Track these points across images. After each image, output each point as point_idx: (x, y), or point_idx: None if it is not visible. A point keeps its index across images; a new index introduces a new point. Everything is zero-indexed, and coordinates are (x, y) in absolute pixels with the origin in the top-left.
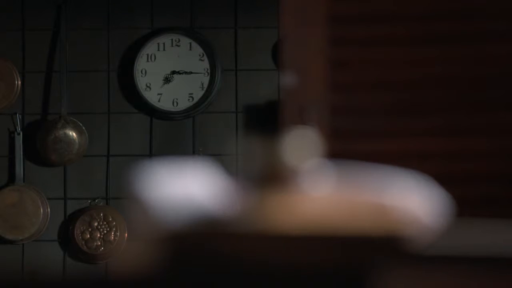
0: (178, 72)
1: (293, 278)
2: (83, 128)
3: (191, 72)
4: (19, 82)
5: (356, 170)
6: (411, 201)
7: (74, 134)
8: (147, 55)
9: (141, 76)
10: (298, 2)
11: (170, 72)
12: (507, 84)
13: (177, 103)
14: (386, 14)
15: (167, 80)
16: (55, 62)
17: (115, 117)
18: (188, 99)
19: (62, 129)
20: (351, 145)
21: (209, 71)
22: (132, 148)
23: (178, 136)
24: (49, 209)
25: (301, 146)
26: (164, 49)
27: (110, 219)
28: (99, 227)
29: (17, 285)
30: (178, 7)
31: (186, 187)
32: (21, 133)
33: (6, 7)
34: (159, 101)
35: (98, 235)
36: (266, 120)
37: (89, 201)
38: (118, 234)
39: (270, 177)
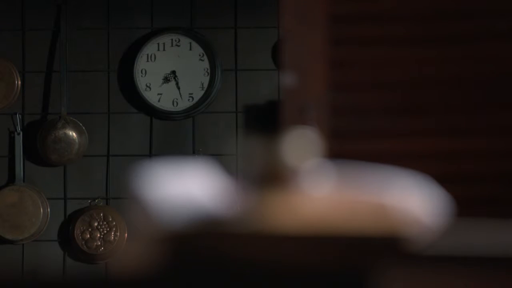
0: (175, 78)
1: (293, 278)
2: (83, 128)
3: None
4: (19, 82)
5: (356, 170)
6: (411, 201)
7: (74, 134)
8: (147, 55)
9: (141, 76)
10: (298, 2)
11: (170, 72)
12: (507, 84)
13: (177, 103)
14: (386, 14)
15: (167, 80)
16: (55, 62)
17: (115, 117)
18: (188, 99)
19: (62, 129)
20: (351, 145)
21: (209, 71)
22: (132, 148)
23: (178, 136)
24: (49, 209)
25: (301, 146)
26: (164, 49)
27: (110, 219)
28: (99, 227)
29: (17, 285)
30: (178, 7)
31: (186, 187)
32: (21, 133)
33: (6, 7)
34: (159, 101)
35: (98, 235)
36: (266, 120)
37: (89, 201)
38: (118, 234)
39: (270, 177)
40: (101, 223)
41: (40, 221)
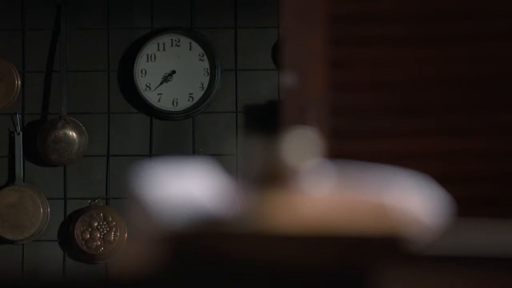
0: (167, 81)
1: (293, 278)
2: (83, 128)
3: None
4: (19, 82)
5: (356, 170)
6: (411, 201)
7: (74, 134)
8: (147, 55)
9: (141, 76)
10: (298, 2)
11: (170, 72)
12: (507, 84)
13: (177, 103)
14: (386, 14)
15: (166, 80)
16: (55, 62)
17: (115, 117)
18: (188, 99)
19: (62, 129)
20: (351, 145)
21: (209, 71)
22: (132, 148)
23: (178, 136)
24: (49, 209)
25: (301, 146)
26: (164, 49)
27: (110, 219)
28: (99, 227)
29: (17, 285)
30: (178, 7)
31: (186, 187)
32: (21, 133)
33: (6, 7)
34: (159, 101)
35: (98, 235)
36: (266, 120)
37: (89, 201)
38: (118, 234)
39: (270, 177)
40: (101, 223)
41: (40, 221)
